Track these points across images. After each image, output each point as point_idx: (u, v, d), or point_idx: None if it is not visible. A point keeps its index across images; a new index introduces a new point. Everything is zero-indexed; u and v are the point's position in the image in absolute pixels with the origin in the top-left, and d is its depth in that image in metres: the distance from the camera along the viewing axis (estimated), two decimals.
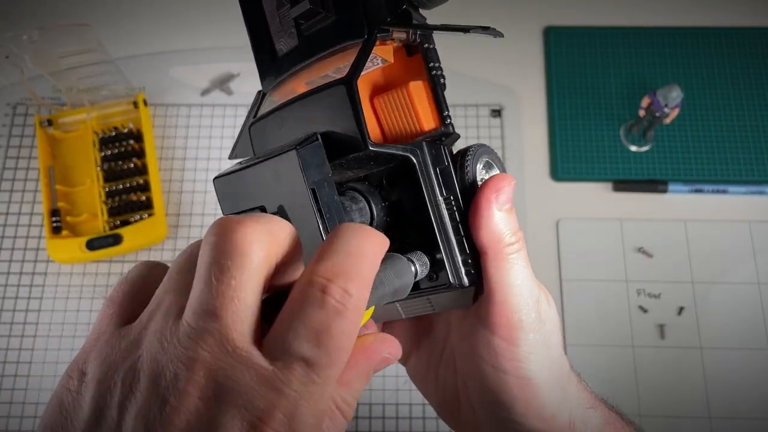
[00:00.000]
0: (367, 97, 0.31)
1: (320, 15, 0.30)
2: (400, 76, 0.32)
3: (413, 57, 0.32)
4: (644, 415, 0.59)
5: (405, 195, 0.30)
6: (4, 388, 0.61)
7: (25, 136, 0.72)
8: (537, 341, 0.31)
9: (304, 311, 0.20)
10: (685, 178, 0.69)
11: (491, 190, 0.30)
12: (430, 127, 0.30)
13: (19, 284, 0.66)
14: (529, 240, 0.66)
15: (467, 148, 0.32)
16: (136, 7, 0.80)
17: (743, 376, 0.60)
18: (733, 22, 0.76)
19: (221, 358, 0.19)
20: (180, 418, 0.19)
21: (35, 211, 0.69)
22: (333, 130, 0.28)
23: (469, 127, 0.71)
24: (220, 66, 0.75)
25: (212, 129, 0.72)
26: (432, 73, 0.31)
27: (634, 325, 0.62)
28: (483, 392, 0.32)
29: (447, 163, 0.31)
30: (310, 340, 0.20)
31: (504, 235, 0.30)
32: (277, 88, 0.33)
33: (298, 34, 0.31)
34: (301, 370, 0.19)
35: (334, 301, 0.20)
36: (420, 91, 0.31)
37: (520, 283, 0.30)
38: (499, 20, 0.79)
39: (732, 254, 0.65)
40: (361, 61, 0.28)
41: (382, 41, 0.30)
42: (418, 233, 0.30)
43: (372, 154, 0.28)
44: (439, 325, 0.38)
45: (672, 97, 0.64)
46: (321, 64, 0.31)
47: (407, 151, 0.29)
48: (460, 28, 0.29)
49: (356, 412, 0.59)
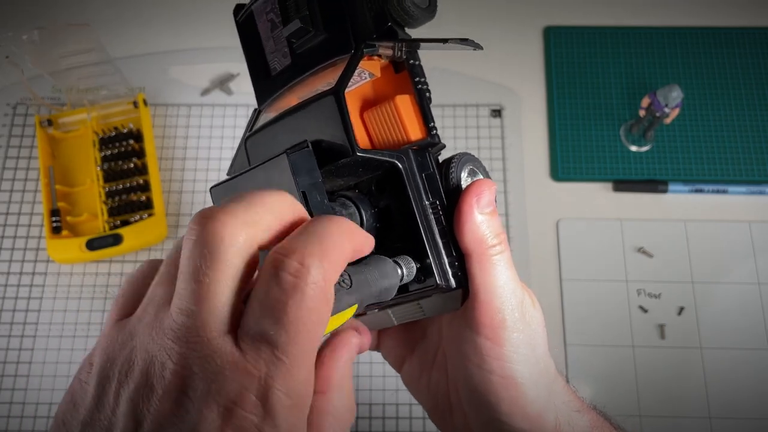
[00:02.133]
0: (358, 112, 0.33)
1: (311, 33, 0.32)
2: (388, 91, 0.34)
3: (400, 74, 0.34)
4: (644, 415, 0.59)
5: (393, 201, 0.31)
6: (4, 388, 0.61)
7: (25, 136, 0.72)
8: (521, 341, 0.32)
9: (261, 289, 0.20)
10: (685, 178, 0.69)
11: (473, 194, 0.31)
12: (417, 137, 0.32)
13: (19, 284, 0.66)
14: (529, 240, 0.66)
15: (452, 156, 0.33)
16: (136, 7, 0.80)
17: (743, 376, 0.60)
18: (733, 22, 0.76)
19: (198, 349, 0.20)
20: (164, 406, 0.19)
21: (35, 211, 0.69)
22: (323, 138, 0.30)
23: (469, 127, 0.71)
24: (220, 66, 0.75)
25: (212, 129, 0.72)
26: (418, 87, 0.33)
27: (634, 325, 0.62)
28: (470, 393, 0.33)
29: (432, 169, 0.32)
30: (269, 318, 0.20)
31: (486, 237, 0.31)
32: (271, 105, 0.35)
33: (291, 52, 0.33)
34: (267, 350, 0.20)
35: (288, 276, 0.20)
36: (406, 104, 0.32)
37: (503, 283, 0.31)
38: (499, 20, 0.79)
39: (732, 254, 0.65)
40: (348, 72, 0.30)
41: (370, 56, 0.32)
42: (407, 237, 0.31)
43: (360, 159, 0.30)
44: (432, 331, 0.39)
45: (672, 97, 0.64)
46: (312, 79, 0.33)
47: (394, 157, 0.31)
48: (439, 40, 0.30)
49: (356, 412, 0.59)
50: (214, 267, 0.20)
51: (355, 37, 0.31)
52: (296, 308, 0.20)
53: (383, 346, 0.40)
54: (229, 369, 0.19)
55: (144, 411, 0.20)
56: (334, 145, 0.30)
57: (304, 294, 0.20)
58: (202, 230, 0.21)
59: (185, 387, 0.19)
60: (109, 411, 0.21)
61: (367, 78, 0.33)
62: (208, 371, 0.19)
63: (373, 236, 0.27)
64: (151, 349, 0.20)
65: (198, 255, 0.20)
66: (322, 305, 0.21)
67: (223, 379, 0.19)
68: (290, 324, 0.20)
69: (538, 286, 0.64)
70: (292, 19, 0.32)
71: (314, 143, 0.29)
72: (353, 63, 0.30)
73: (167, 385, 0.20)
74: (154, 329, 0.21)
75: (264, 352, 0.20)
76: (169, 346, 0.20)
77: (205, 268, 0.20)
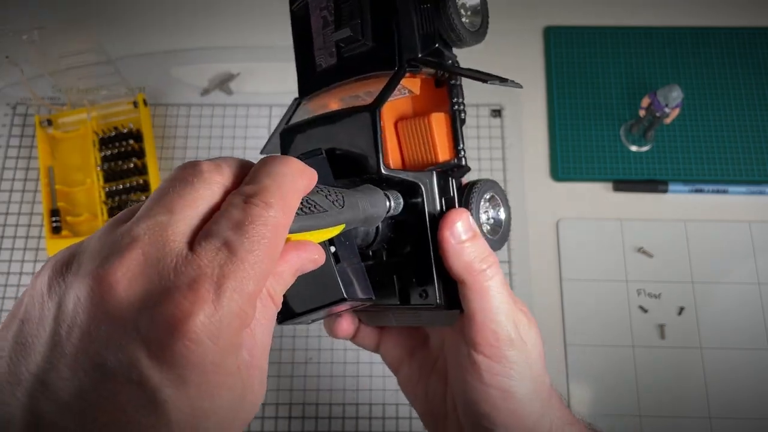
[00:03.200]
0: (393, 120, 0.34)
1: (359, 42, 0.33)
2: (425, 104, 0.35)
3: (440, 89, 0.35)
4: (644, 415, 0.59)
5: (410, 216, 0.32)
6: None
7: (25, 136, 0.72)
8: (518, 357, 0.33)
9: (226, 211, 0.22)
10: (685, 178, 0.69)
11: (445, 228, 0.32)
12: (445, 158, 0.33)
13: (19, 284, 0.66)
14: (529, 240, 0.66)
15: (475, 182, 0.34)
16: (136, 7, 0.80)
17: (743, 376, 0.60)
18: (733, 22, 0.76)
19: (153, 239, 0.20)
20: (103, 291, 0.19)
21: (35, 211, 0.69)
22: (353, 150, 0.31)
23: (469, 127, 0.71)
24: (220, 66, 0.75)
25: (212, 129, 0.72)
26: (454, 108, 0.34)
27: (634, 325, 0.62)
28: (467, 403, 0.34)
29: (452, 194, 0.33)
30: (230, 228, 0.21)
31: (473, 263, 0.32)
32: (312, 99, 0.36)
33: (338, 54, 0.34)
34: (223, 252, 0.20)
35: (256, 202, 0.22)
36: (440, 123, 0.34)
37: (495, 307, 0.32)
38: (499, 20, 0.79)
39: (732, 254, 0.65)
40: (387, 91, 0.31)
41: (412, 74, 0.33)
42: (416, 254, 0.32)
43: (384, 177, 0.31)
44: (435, 339, 0.40)
45: (672, 97, 0.64)
46: (354, 85, 0.34)
47: (417, 178, 0.32)
48: (481, 77, 0.32)
49: (356, 413, 0.60)
50: (187, 189, 0.22)
51: (400, 54, 0.32)
52: (261, 222, 0.21)
53: (383, 346, 0.41)
54: (184, 260, 0.20)
55: (76, 299, 0.19)
56: (361, 159, 0.31)
57: (266, 218, 0.21)
58: (184, 167, 0.23)
59: (133, 270, 0.20)
60: (40, 302, 0.20)
61: (405, 94, 0.34)
62: (164, 257, 0.20)
63: (384, 247, 0.29)
64: (100, 241, 0.21)
65: (175, 177, 0.22)
66: (283, 220, 0.22)
67: (177, 270, 0.20)
68: (253, 233, 0.21)
69: (538, 286, 0.64)
70: (345, 24, 0.33)
71: (345, 153, 0.31)
72: (394, 81, 0.31)
73: (110, 267, 0.19)
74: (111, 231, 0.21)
75: (221, 255, 0.20)
76: (123, 238, 0.20)
77: (179, 188, 0.22)
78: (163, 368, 0.19)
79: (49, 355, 0.19)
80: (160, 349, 0.19)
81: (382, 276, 0.33)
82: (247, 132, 0.72)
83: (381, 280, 0.33)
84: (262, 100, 0.73)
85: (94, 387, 0.19)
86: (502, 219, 0.36)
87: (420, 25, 0.32)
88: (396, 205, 0.31)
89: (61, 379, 0.19)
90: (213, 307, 0.20)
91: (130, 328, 0.19)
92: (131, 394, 0.19)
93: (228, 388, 0.20)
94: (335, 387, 0.61)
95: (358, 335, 0.40)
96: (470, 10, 0.35)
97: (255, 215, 0.21)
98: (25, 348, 0.20)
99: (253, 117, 0.72)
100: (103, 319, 0.19)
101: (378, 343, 0.41)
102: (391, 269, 0.33)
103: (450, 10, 0.32)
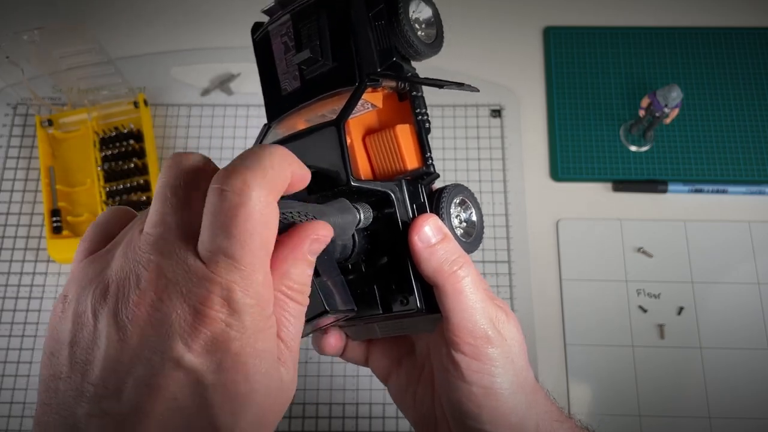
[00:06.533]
0: (361, 135, 0.35)
1: (320, 62, 0.34)
2: (390, 118, 0.36)
3: (403, 102, 0.36)
4: (644, 415, 0.59)
5: (384, 225, 0.33)
6: (4, 388, 0.61)
7: (26, 136, 0.72)
8: (498, 354, 0.33)
9: (210, 209, 0.22)
10: (685, 178, 0.69)
11: (414, 232, 0.32)
12: (413, 166, 0.34)
13: (19, 284, 0.66)
14: (529, 240, 0.66)
15: (444, 187, 0.35)
16: (136, 7, 0.80)
17: (743, 376, 0.60)
18: (733, 22, 0.77)
19: (170, 256, 0.22)
20: (141, 311, 0.22)
21: (35, 211, 0.69)
22: (322, 166, 0.32)
23: (469, 128, 0.71)
24: (220, 66, 0.75)
25: (212, 129, 0.72)
26: (418, 118, 0.35)
27: (633, 325, 0.62)
28: (453, 404, 0.34)
29: (423, 200, 0.34)
30: (221, 233, 0.22)
31: (442, 266, 0.32)
32: (280, 122, 0.37)
33: (301, 77, 0.35)
34: (224, 261, 0.22)
35: (232, 194, 0.22)
36: (406, 134, 0.35)
37: (470, 307, 0.33)
38: (499, 20, 0.79)
39: (732, 254, 0.65)
40: (350, 105, 0.32)
41: (373, 89, 0.34)
42: (393, 262, 0.33)
43: (354, 188, 0.32)
44: (420, 346, 0.40)
45: (672, 97, 0.64)
46: (319, 104, 0.35)
47: (387, 187, 0.33)
48: (438, 84, 0.33)
49: (356, 412, 0.60)
50: (188, 187, 0.23)
51: (359, 70, 0.33)
52: (244, 220, 0.22)
53: (372, 358, 0.41)
54: (196, 275, 0.22)
55: (124, 320, 0.22)
56: (331, 173, 0.32)
57: (248, 207, 0.22)
58: (179, 160, 0.24)
59: (159, 292, 0.22)
60: (90, 327, 0.23)
61: (369, 108, 0.35)
62: (179, 275, 0.22)
63: (362, 258, 0.29)
64: (125, 265, 0.23)
65: (173, 175, 0.23)
66: (267, 216, 0.22)
67: (192, 284, 0.22)
68: (240, 236, 0.22)
69: (538, 286, 0.64)
70: (305, 47, 0.34)
71: (315, 169, 0.31)
72: (356, 96, 0.32)
73: (142, 292, 0.22)
74: (129, 249, 0.23)
75: (221, 262, 0.22)
76: (144, 258, 0.22)
77: (180, 189, 0.23)
78: (202, 356, 0.22)
79: (107, 366, 0.22)
80: (195, 340, 0.22)
81: (363, 287, 0.34)
82: (247, 132, 0.72)
83: (362, 292, 0.34)
84: (261, 101, 0.73)
85: (146, 382, 0.22)
86: (474, 221, 0.37)
87: (377, 42, 0.34)
88: (366, 217, 0.32)
89: (120, 381, 0.22)
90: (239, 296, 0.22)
91: (169, 330, 0.22)
92: (179, 383, 0.22)
93: (263, 373, 0.23)
94: (335, 387, 0.61)
95: (346, 351, 0.40)
96: (424, 23, 0.36)
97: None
98: (83, 366, 0.23)
99: (253, 117, 0.72)
100: (147, 328, 0.22)
101: (366, 356, 0.41)
102: (371, 280, 0.34)
103: (404, 26, 0.33)
